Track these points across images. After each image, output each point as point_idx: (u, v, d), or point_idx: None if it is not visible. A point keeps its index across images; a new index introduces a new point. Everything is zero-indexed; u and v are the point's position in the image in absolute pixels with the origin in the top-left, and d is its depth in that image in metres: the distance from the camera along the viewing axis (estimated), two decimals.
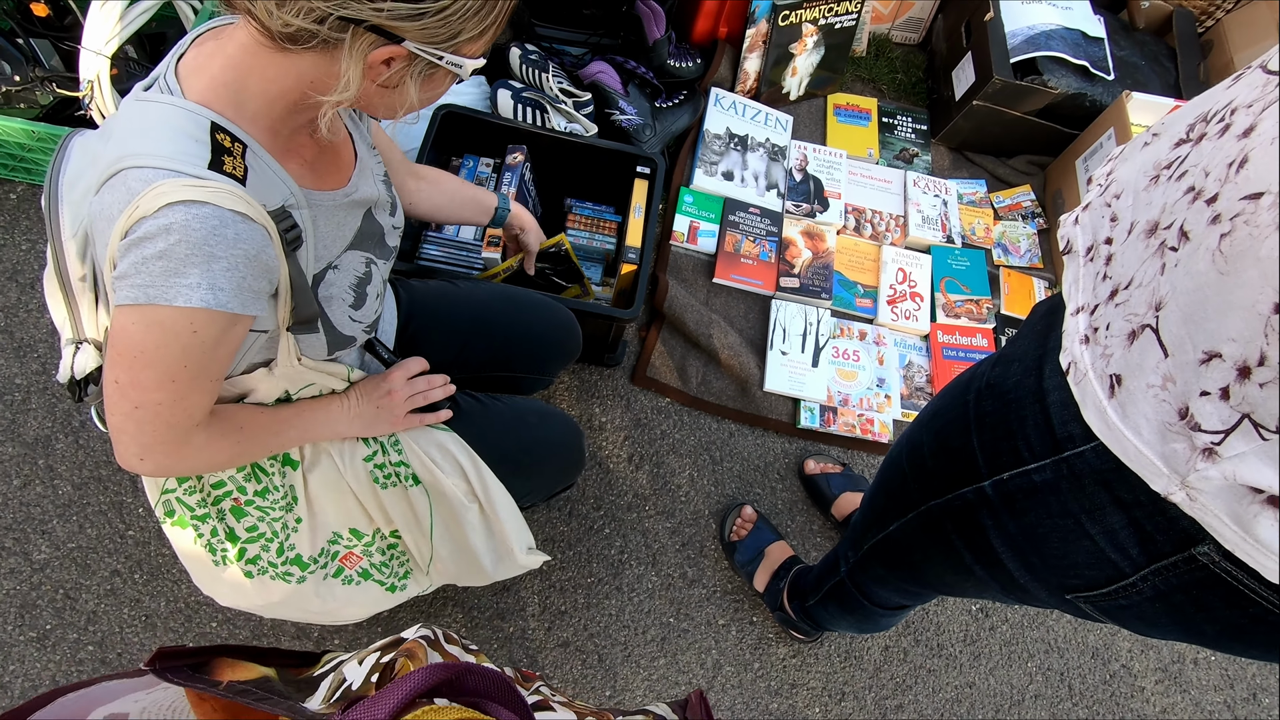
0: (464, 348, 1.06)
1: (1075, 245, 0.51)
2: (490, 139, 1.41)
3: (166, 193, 0.53)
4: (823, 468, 1.43)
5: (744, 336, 1.52)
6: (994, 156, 1.85)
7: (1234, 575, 0.42)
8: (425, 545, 0.92)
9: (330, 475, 0.85)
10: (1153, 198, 0.44)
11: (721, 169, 1.66)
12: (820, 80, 1.83)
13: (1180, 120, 0.46)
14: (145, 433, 0.62)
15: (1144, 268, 0.42)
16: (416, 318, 1.03)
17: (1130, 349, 0.43)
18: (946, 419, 0.62)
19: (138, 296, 0.54)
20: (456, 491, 0.88)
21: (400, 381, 0.85)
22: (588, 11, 1.71)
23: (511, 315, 1.10)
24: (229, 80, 0.58)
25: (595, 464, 1.39)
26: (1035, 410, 0.50)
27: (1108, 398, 0.44)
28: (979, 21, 1.70)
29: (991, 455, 0.54)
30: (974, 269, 1.67)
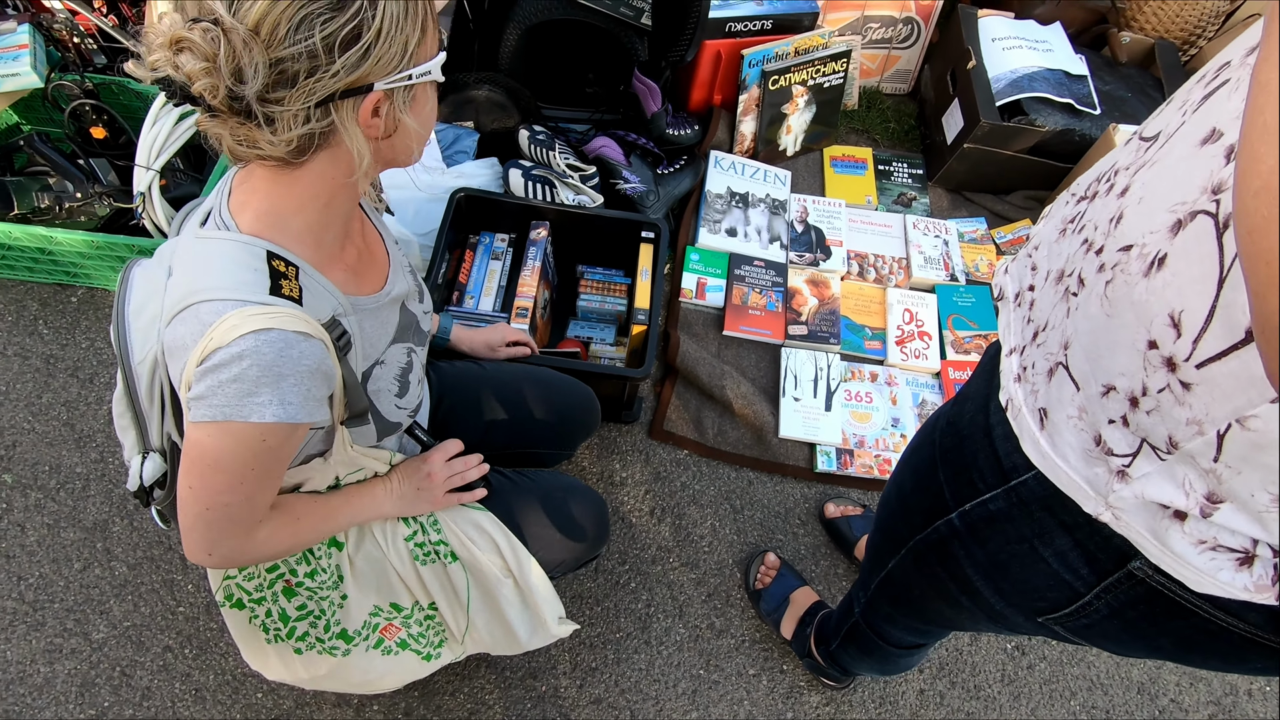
0: (491, 426, 1.13)
1: (1006, 293, 0.55)
2: (504, 216, 1.51)
3: (238, 325, 0.58)
4: (843, 510, 1.44)
5: (756, 385, 1.57)
6: (991, 194, 1.90)
7: (1168, 588, 0.45)
8: (462, 617, 0.97)
9: (374, 553, 0.90)
10: (1060, 249, 0.49)
11: (725, 226, 1.73)
12: (815, 135, 1.91)
13: (1087, 180, 0.51)
14: (214, 530, 0.68)
15: (1055, 311, 0.47)
16: (447, 399, 1.10)
17: (1050, 384, 0.47)
18: (920, 456, 0.65)
19: (215, 414, 0.60)
20: (492, 567, 0.93)
21: (439, 464, 0.89)
22: (590, 91, 1.83)
23: (536, 394, 1.17)
24: (269, 209, 0.64)
25: (618, 519, 1.43)
26: (985, 444, 0.54)
27: (1039, 430, 0.48)
28: (963, 70, 1.77)
29: (955, 488, 0.58)
30: (980, 305, 1.70)
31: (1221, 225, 0.35)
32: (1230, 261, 0.34)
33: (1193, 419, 0.38)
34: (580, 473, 1.47)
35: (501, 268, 1.50)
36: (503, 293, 1.48)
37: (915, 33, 1.95)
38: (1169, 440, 0.39)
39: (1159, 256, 0.38)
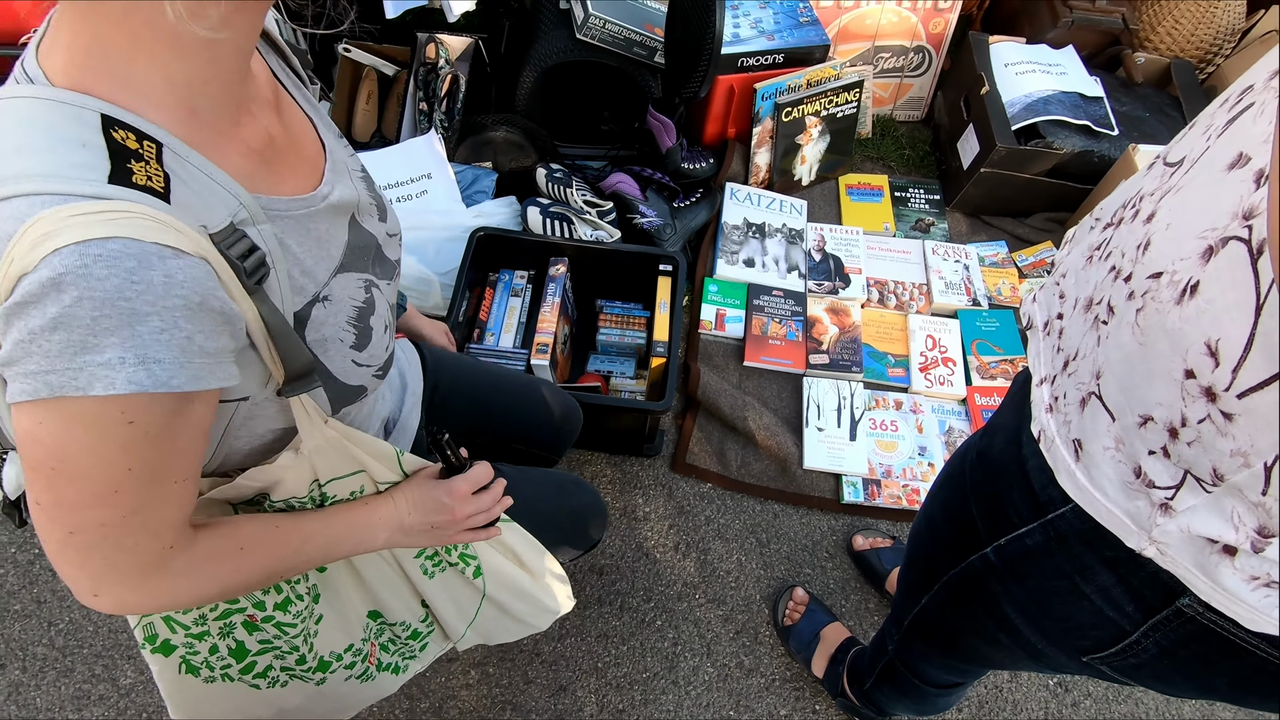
0: (485, 416, 1.02)
1: (1035, 321, 0.54)
2: (523, 254, 1.53)
3: (52, 234, 0.36)
4: (872, 543, 1.41)
5: (779, 416, 1.55)
6: (1011, 217, 1.88)
7: (1221, 626, 0.42)
8: (461, 624, 0.86)
9: (369, 566, 0.74)
10: (1088, 276, 0.48)
11: (742, 257, 1.73)
12: (830, 164, 1.92)
13: (1111, 205, 0.50)
14: (93, 563, 0.46)
15: (1084, 340, 0.46)
16: (442, 385, 0.96)
17: (1083, 415, 0.45)
18: (950, 489, 0.64)
19: (38, 389, 0.38)
20: (515, 570, 0.84)
21: (463, 496, 0.72)
22: (605, 128, 1.86)
23: (530, 393, 1.10)
24: (92, 47, 0.40)
25: (642, 555, 1.41)
26: (1018, 477, 0.53)
27: (1074, 461, 0.46)
28: (976, 95, 1.78)
29: (988, 522, 0.56)
30: (1004, 329, 1.67)
31: (1255, 251, 0.34)
32: (1267, 288, 0.33)
33: (1237, 450, 0.36)
34: None
35: (521, 304, 1.51)
36: (523, 329, 1.49)
37: (927, 61, 1.97)
38: (1213, 472, 0.38)
39: (1191, 284, 0.37)
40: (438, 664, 1.28)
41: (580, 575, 1.38)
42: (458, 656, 1.29)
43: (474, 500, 0.73)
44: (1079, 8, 1.87)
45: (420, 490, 0.70)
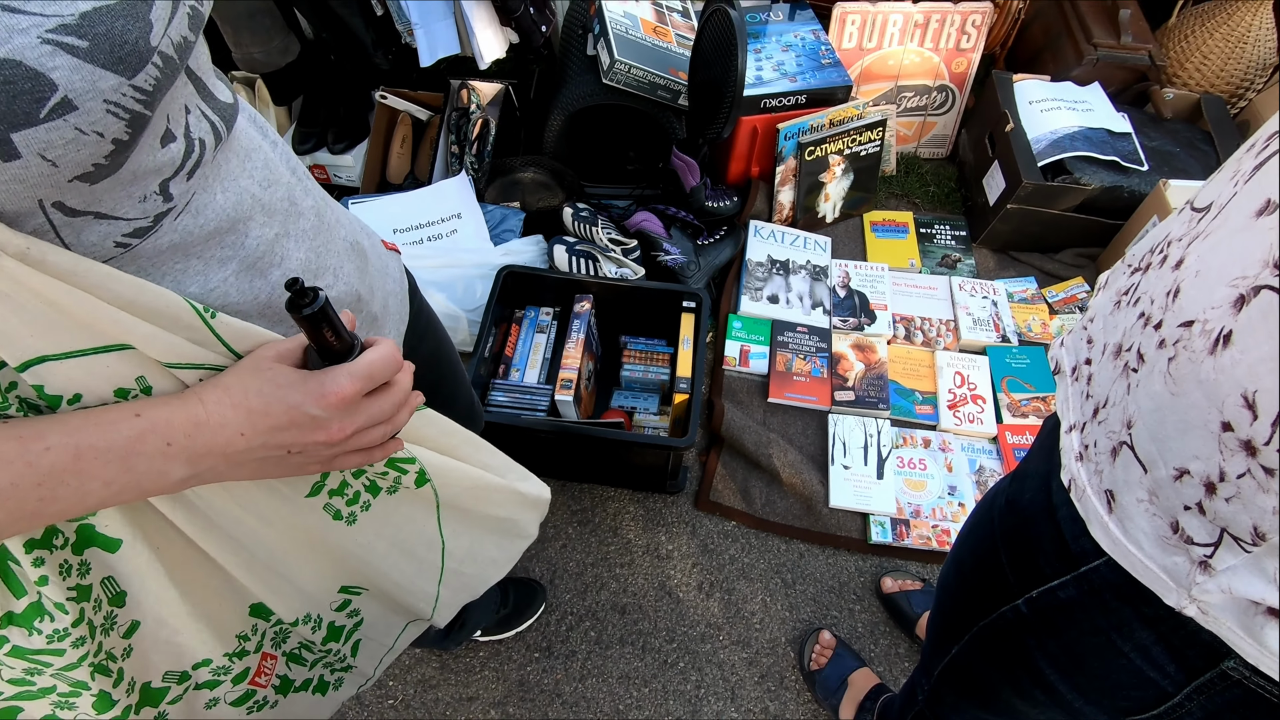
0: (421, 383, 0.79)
1: (1063, 366, 0.53)
2: (548, 290, 1.55)
3: None
4: (901, 585, 1.38)
5: (804, 453, 1.53)
6: (1040, 253, 1.87)
7: (1271, 691, 0.40)
8: (431, 576, 0.61)
9: (225, 514, 0.49)
10: (1116, 321, 0.47)
11: (766, 293, 1.74)
12: (854, 201, 1.92)
13: (1140, 250, 0.49)
14: None
15: (1114, 387, 0.45)
16: (420, 322, 0.75)
17: (1115, 465, 0.44)
18: (979, 535, 0.62)
19: None
20: (468, 469, 0.60)
21: (347, 403, 0.44)
22: (630, 168, 1.90)
23: (461, 379, 0.91)
24: None
25: (665, 594, 1.39)
26: (1049, 526, 0.51)
27: (1107, 513, 0.45)
28: (1001, 133, 1.78)
29: (1019, 572, 0.55)
30: (1035, 366, 1.64)
31: None
32: None
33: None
34: (626, 545, 1.45)
35: (546, 340, 1.53)
36: (547, 365, 1.51)
37: (950, 99, 1.98)
38: (1254, 531, 0.36)
39: (1224, 333, 0.36)
40: (455, 703, 1.27)
41: (602, 614, 1.37)
42: (478, 696, 1.28)
43: (366, 406, 0.45)
44: (1104, 45, 1.87)
45: (263, 387, 0.42)
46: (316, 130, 1.83)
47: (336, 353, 0.44)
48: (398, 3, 1.46)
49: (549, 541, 1.44)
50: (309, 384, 0.42)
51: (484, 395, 1.43)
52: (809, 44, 1.81)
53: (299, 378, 0.43)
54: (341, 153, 1.83)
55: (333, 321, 0.42)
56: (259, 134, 0.50)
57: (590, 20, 1.67)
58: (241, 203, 0.45)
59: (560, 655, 1.32)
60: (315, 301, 0.41)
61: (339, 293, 0.55)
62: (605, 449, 1.39)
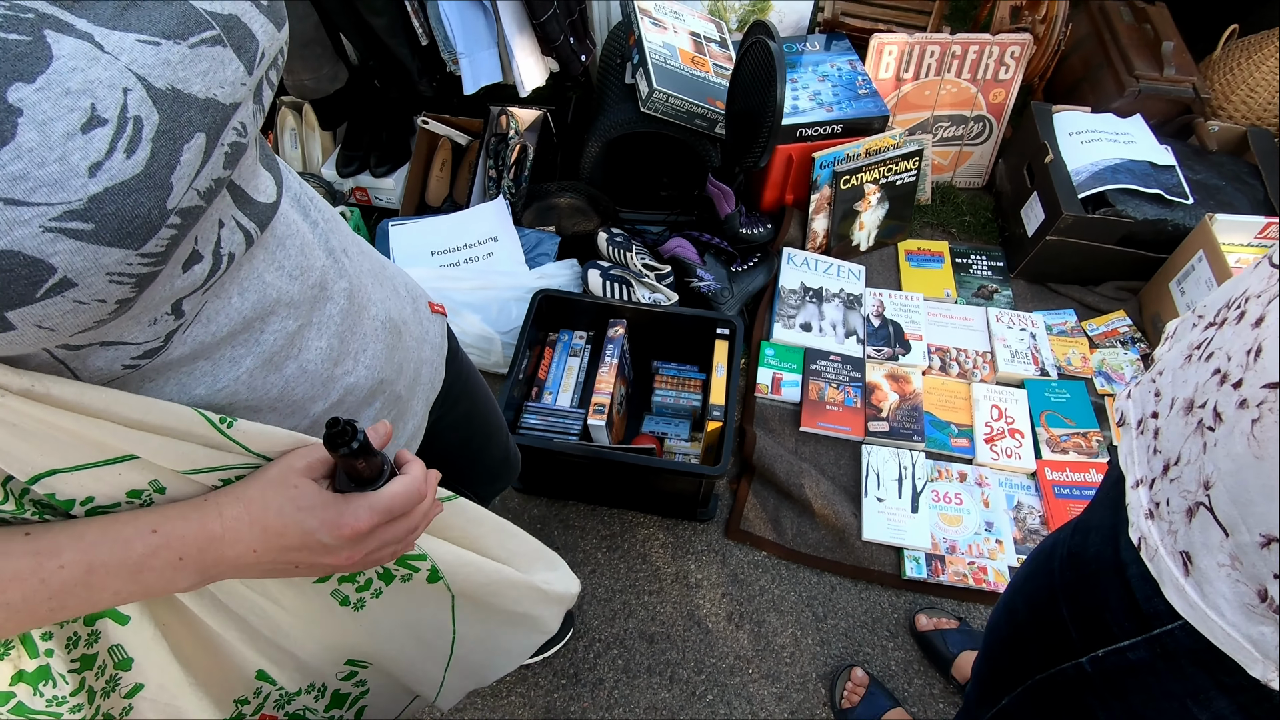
0: (455, 448, 0.80)
1: (1128, 419, 0.52)
2: (582, 315, 1.56)
3: None
4: (936, 623, 1.34)
5: (837, 484, 1.51)
6: (1080, 285, 1.83)
7: None
8: (437, 663, 0.60)
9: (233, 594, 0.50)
10: (1187, 376, 0.46)
11: (800, 321, 1.73)
12: (889, 230, 1.91)
13: (1214, 303, 0.48)
14: None
15: (1187, 445, 0.44)
16: (455, 385, 0.72)
17: (1191, 526, 0.43)
18: (1036, 586, 0.60)
19: None
20: (488, 562, 0.58)
21: (363, 535, 0.44)
22: (664, 194, 1.91)
23: (498, 425, 0.91)
24: None
25: (694, 624, 1.38)
26: (1117, 584, 0.49)
27: (1183, 576, 0.43)
28: (1040, 164, 1.76)
29: (1084, 629, 0.53)
30: (1075, 400, 1.61)
31: None
32: None
33: None
34: (655, 572, 1.44)
35: (580, 364, 1.54)
36: (580, 388, 1.51)
37: (987, 130, 1.97)
38: None
39: None
40: None
41: (630, 642, 1.35)
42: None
43: (379, 534, 0.45)
44: (1146, 78, 1.85)
45: (283, 506, 0.42)
46: (359, 154, 1.87)
47: (365, 479, 0.44)
48: (444, 32, 1.50)
49: (578, 566, 1.44)
50: (328, 511, 0.43)
51: (517, 417, 1.44)
52: (845, 74, 1.82)
53: (320, 502, 0.43)
54: (383, 176, 1.88)
55: (367, 454, 0.42)
56: (300, 215, 0.47)
57: (629, 50, 1.69)
58: (263, 300, 0.43)
59: (588, 683, 1.31)
60: (354, 441, 0.41)
61: (358, 379, 0.52)
62: (636, 475, 1.39)
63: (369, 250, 0.57)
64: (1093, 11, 2.05)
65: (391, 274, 0.60)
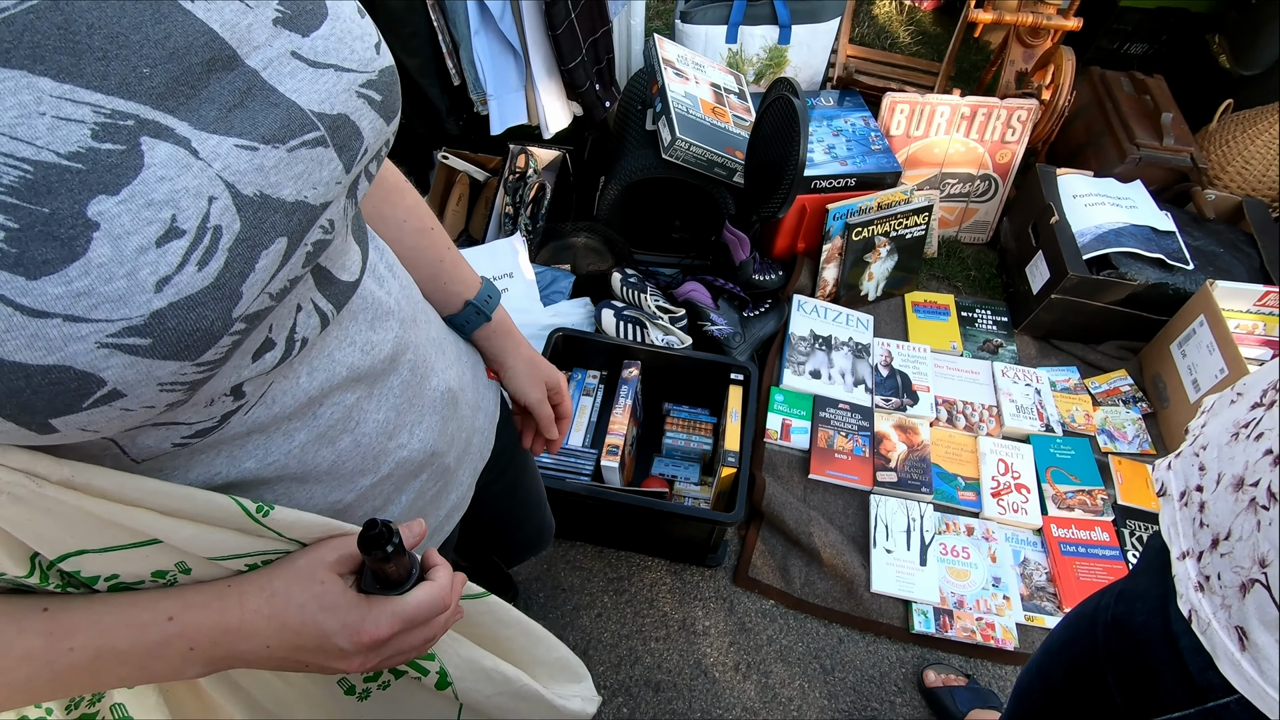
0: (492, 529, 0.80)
1: (1170, 489, 0.53)
2: (596, 354, 1.57)
3: None
4: (945, 680, 1.33)
5: (845, 534, 1.51)
6: (1081, 343, 1.87)
7: None
8: None
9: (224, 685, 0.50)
10: (1234, 453, 0.47)
11: (809, 368, 1.75)
12: (896, 280, 1.95)
13: (1256, 384, 0.50)
14: None
15: (1239, 521, 0.45)
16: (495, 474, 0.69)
17: (1245, 602, 0.44)
18: (1076, 653, 0.61)
19: None
20: (503, 668, 0.57)
21: (381, 642, 0.43)
22: (677, 237, 1.94)
23: (539, 502, 0.90)
24: None
25: (700, 673, 1.36)
26: (1168, 655, 0.50)
27: (1239, 651, 0.44)
28: (1045, 223, 1.81)
29: (1131, 697, 0.53)
30: (1080, 457, 1.63)
31: None
32: None
33: None
34: (663, 618, 1.42)
35: (593, 404, 1.54)
36: (593, 428, 1.52)
37: (993, 188, 2.02)
38: None
39: None
40: None
41: (635, 690, 1.33)
42: None
43: (396, 643, 0.44)
44: (1146, 145, 1.92)
45: (305, 604, 0.41)
46: None
47: (393, 582, 0.43)
48: (475, 74, 1.54)
49: (584, 609, 1.42)
50: (350, 615, 0.41)
51: None
52: (859, 129, 1.87)
53: (344, 603, 0.41)
54: None
55: (399, 557, 0.41)
56: (376, 285, 0.44)
57: (651, 98, 1.74)
58: (332, 379, 0.41)
59: None
60: (389, 545, 0.40)
61: (411, 452, 0.50)
62: (647, 518, 1.38)
63: (434, 316, 0.56)
64: (1094, 81, 2.13)
65: (454, 340, 0.59)
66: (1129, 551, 1.49)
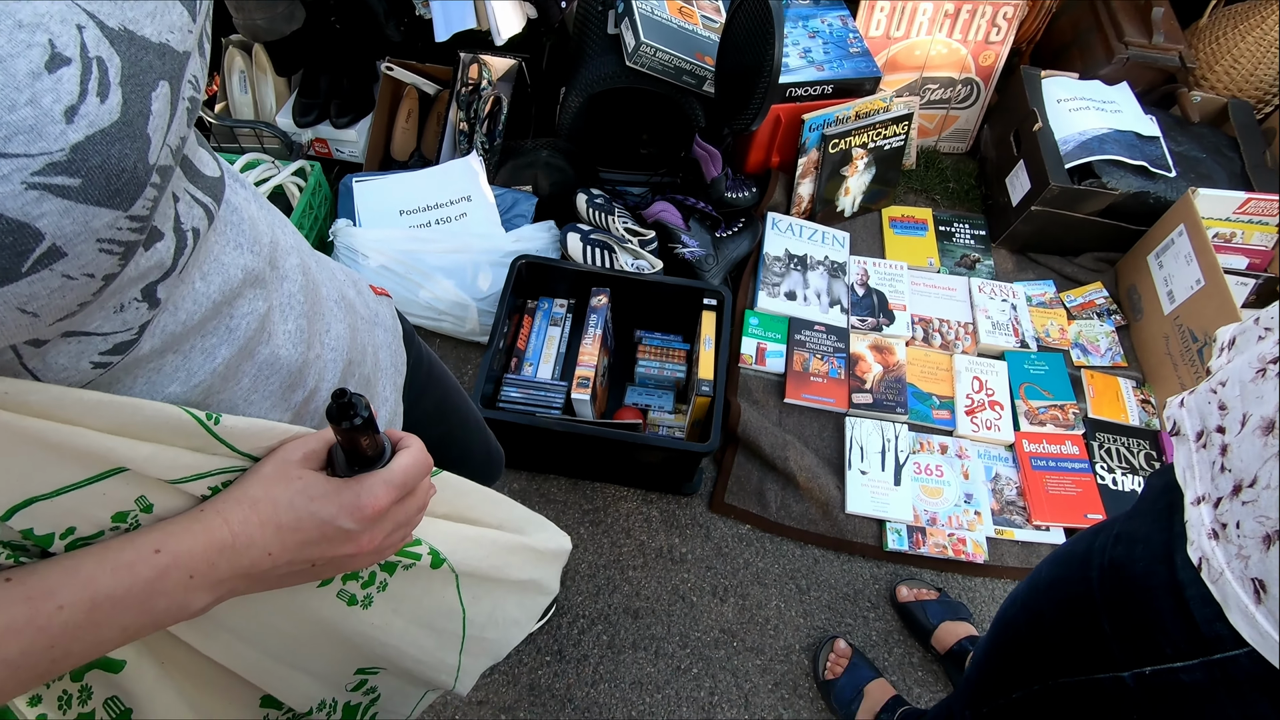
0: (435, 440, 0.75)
1: (1184, 428, 0.50)
2: (562, 281, 1.50)
3: None
4: (917, 594, 1.36)
5: (821, 457, 1.51)
6: (1059, 256, 1.84)
7: None
8: (452, 648, 0.57)
9: (221, 641, 0.47)
10: (1262, 391, 0.43)
11: (784, 289, 1.70)
12: (873, 195, 1.88)
13: None
14: None
15: (1267, 468, 0.41)
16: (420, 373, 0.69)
17: (1268, 554, 0.41)
18: (1069, 593, 0.59)
19: None
20: (485, 532, 0.57)
21: (379, 515, 0.41)
22: (644, 153, 1.83)
23: (476, 423, 0.86)
24: None
25: (678, 598, 1.37)
26: (1171, 604, 0.48)
27: (1253, 603, 0.42)
28: (1028, 130, 1.73)
29: (1128, 644, 0.52)
30: (1053, 373, 1.62)
31: None
32: None
33: None
34: (640, 547, 1.42)
35: (561, 334, 1.48)
36: (562, 359, 1.46)
37: (975, 93, 1.93)
38: None
39: None
40: (464, 707, 1.24)
41: (614, 617, 1.34)
42: (487, 700, 1.25)
43: (394, 514, 0.43)
44: (1134, 44, 1.83)
45: (294, 500, 0.39)
46: (318, 102, 1.74)
47: (368, 458, 0.42)
48: None
49: None
50: (343, 496, 0.40)
51: (496, 390, 1.38)
52: (836, 30, 1.74)
53: (332, 488, 0.40)
54: (345, 127, 1.75)
55: (372, 430, 0.40)
56: (236, 183, 0.43)
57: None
58: (227, 282, 0.40)
59: (572, 659, 1.30)
60: (365, 412, 0.38)
61: (326, 362, 0.49)
62: (621, 449, 1.35)
63: (293, 228, 0.53)
64: None
65: (321, 256, 0.57)
66: (1097, 464, 1.51)
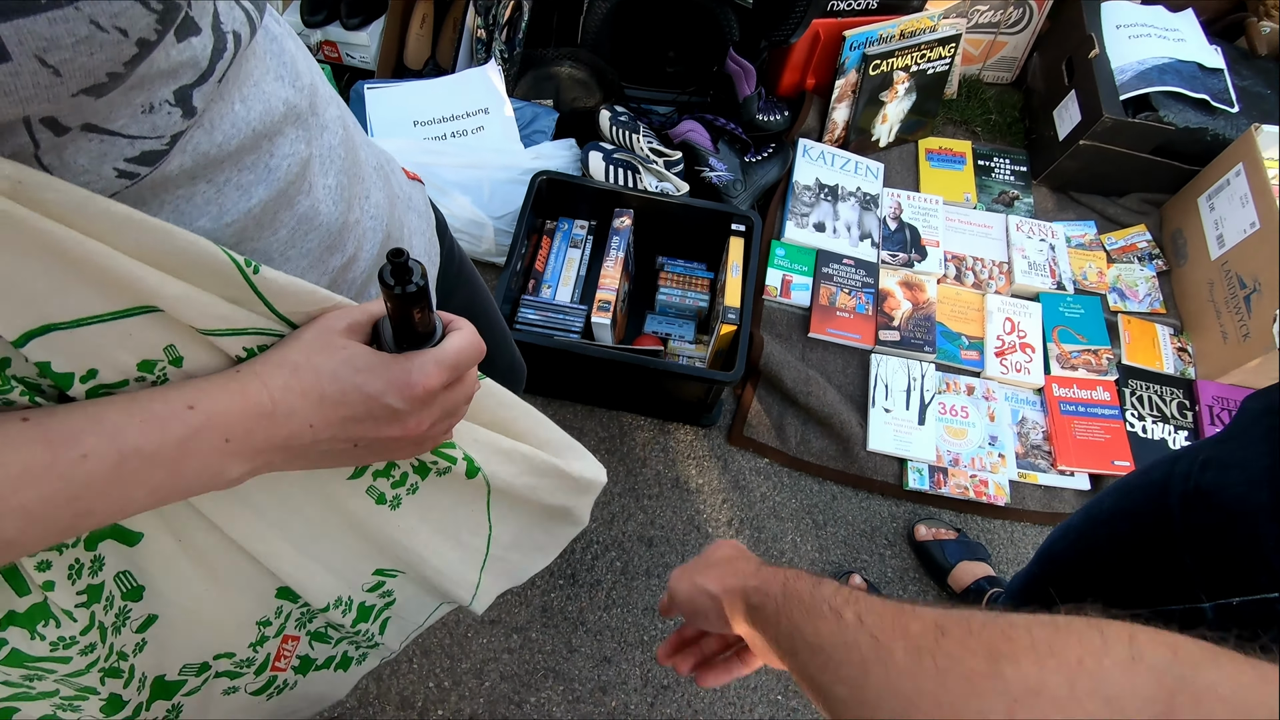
0: None
1: None
2: (583, 201, 1.43)
3: None
4: (935, 533, 1.34)
5: (844, 393, 1.47)
6: (1102, 196, 1.75)
7: None
8: (473, 564, 0.55)
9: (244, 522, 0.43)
10: None
11: (813, 220, 1.62)
12: (911, 125, 1.78)
13: None
14: None
15: None
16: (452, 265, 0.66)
17: None
18: (1138, 524, 0.55)
19: None
20: (520, 446, 0.52)
21: (431, 396, 0.38)
22: (671, 70, 1.73)
23: (503, 331, 0.84)
24: None
25: (693, 528, 1.35)
26: (1274, 531, 0.44)
27: None
28: (1082, 58, 1.62)
29: (1213, 576, 0.48)
30: (1089, 316, 1.57)
31: None
32: None
33: None
34: (656, 476, 1.39)
35: (581, 256, 1.42)
36: (581, 282, 1.41)
37: (1026, 17, 1.80)
38: None
39: None
40: (477, 626, 1.25)
41: (628, 544, 1.33)
42: (499, 620, 1.25)
43: (443, 400, 0.39)
44: None
45: (338, 370, 0.35)
46: (328, 1, 1.63)
47: (419, 335, 0.38)
48: None
49: None
50: (392, 371, 0.36)
51: (513, 312, 1.33)
52: None
53: (380, 362, 0.36)
54: (356, 29, 1.65)
55: (425, 301, 0.36)
56: (271, 19, 0.39)
57: None
58: (269, 113, 0.35)
59: (585, 584, 1.29)
60: (417, 280, 0.34)
61: (366, 228, 0.45)
62: (641, 377, 1.31)
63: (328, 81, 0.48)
64: None
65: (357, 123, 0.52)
66: (1128, 411, 1.47)
